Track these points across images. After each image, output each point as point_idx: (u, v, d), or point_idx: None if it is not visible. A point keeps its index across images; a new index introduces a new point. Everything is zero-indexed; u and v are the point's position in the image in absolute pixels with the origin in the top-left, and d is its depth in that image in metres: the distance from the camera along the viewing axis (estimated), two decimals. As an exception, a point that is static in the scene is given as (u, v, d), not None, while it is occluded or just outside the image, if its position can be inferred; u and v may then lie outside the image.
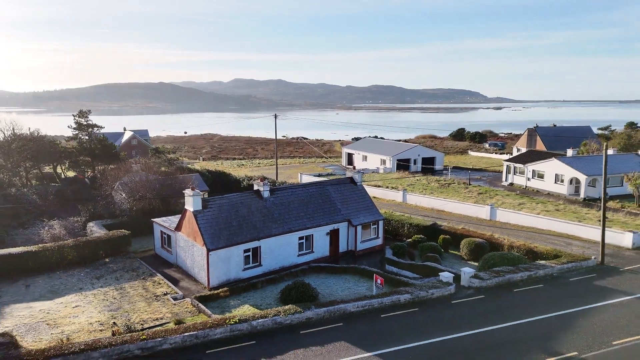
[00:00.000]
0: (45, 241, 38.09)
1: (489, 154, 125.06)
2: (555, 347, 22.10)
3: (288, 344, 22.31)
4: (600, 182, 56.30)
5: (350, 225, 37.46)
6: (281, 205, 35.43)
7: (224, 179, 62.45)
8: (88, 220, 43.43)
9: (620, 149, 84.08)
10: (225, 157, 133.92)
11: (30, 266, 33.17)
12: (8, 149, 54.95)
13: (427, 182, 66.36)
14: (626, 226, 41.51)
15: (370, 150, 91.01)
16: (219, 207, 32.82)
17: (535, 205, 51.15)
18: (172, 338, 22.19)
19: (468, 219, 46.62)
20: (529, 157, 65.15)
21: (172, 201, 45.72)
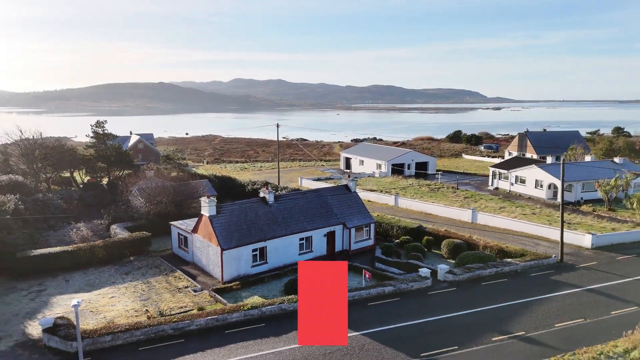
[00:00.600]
0: (75, 242, 43.31)
1: (482, 157, 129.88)
2: (508, 328, 27.38)
3: (292, 325, 27.54)
4: (576, 186, 61.59)
5: (345, 228, 42.70)
6: (284, 210, 40.68)
7: (230, 184, 67.63)
8: (111, 223, 48.64)
9: (602, 154, 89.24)
10: (227, 159, 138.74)
11: (67, 264, 38.41)
12: (32, 156, 60.21)
13: (419, 187, 71.67)
14: (591, 228, 46.77)
15: (367, 155, 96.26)
16: (231, 212, 38.08)
17: (514, 209, 56.48)
18: (197, 321, 27.47)
19: (452, 222, 51.92)
20: (513, 163, 70.44)
21: (184, 205, 50.96)
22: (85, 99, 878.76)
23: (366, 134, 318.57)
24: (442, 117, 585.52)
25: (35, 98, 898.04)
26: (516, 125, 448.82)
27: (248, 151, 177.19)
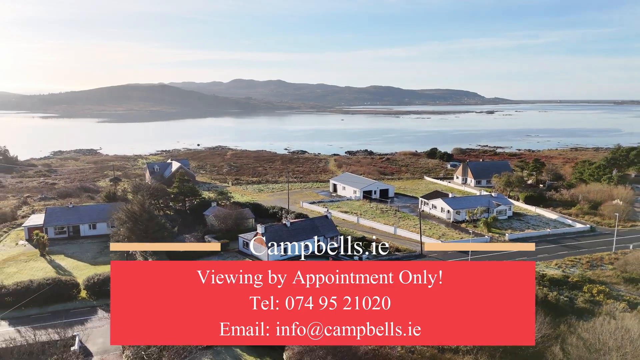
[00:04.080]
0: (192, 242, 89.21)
1: (439, 179, 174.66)
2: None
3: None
4: (462, 212, 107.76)
5: (325, 238, 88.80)
6: (294, 229, 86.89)
7: (259, 208, 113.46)
8: (203, 234, 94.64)
9: (503, 186, 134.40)
10: (244, 180, 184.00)
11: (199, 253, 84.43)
12: (153, 192, 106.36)
13: (376, 209, 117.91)
14: (449, 237, 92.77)
15: (348, 183, 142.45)
16: (270, 230, 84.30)
17: (424, 226, 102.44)
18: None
19: (383, 233, 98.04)
20: (433, 195, 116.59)
21: (239, 223, 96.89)
22: (90, 102, 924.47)
23: (361, 144, 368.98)
24: (434, 123, 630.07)
25: (42, 101, 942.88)
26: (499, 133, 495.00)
27: (257, 167, 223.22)
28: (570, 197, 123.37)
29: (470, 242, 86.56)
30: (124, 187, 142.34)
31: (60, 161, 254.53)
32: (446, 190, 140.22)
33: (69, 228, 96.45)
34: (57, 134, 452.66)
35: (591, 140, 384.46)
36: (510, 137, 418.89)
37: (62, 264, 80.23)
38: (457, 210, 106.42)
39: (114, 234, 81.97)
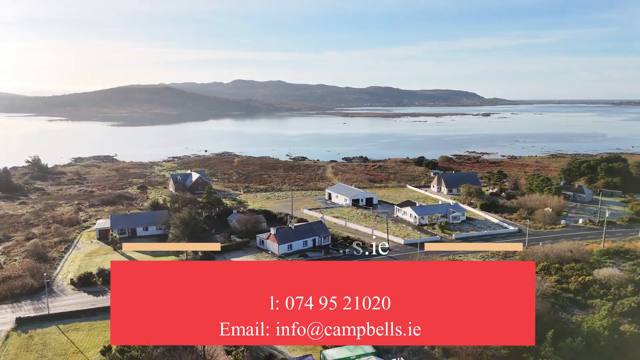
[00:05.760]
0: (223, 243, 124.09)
1: (420, 187, 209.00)
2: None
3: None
4: (425, 217, 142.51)
5: (319, 237, 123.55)
6: (297, 231, 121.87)
7: (269, 214, 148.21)
8: (228, 235, 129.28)
9: (465, 195, 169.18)
10: (253, 187, 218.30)
11: (228, 249, 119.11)
12: (188, 202, 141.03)
13: (360, 215, 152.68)
14: (411, 236, 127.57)
15: (340, 193, 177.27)
16: (279, 231, 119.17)
17: (395, 228, 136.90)
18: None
19: (363, 234, 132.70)
20: (405, 203, 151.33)
21: (255, 227, 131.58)
22: (94, 104, 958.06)
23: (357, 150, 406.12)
24: (430, 127, 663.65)
25: (46, 103, 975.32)
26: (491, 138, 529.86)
27: (263, 175, 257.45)
28: (517, 205, 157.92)
29: (439, 239, 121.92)
30: (158, 196, 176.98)
31: (85, 168, 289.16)
32: (422, 198, 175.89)
33: (128, 230, 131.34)
34: (72, 139, 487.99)
35: (574, 146, 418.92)
36: (499, 143, 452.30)
37: (133, 256, 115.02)
38: (422, 216, 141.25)
39: (171, 234, 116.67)
